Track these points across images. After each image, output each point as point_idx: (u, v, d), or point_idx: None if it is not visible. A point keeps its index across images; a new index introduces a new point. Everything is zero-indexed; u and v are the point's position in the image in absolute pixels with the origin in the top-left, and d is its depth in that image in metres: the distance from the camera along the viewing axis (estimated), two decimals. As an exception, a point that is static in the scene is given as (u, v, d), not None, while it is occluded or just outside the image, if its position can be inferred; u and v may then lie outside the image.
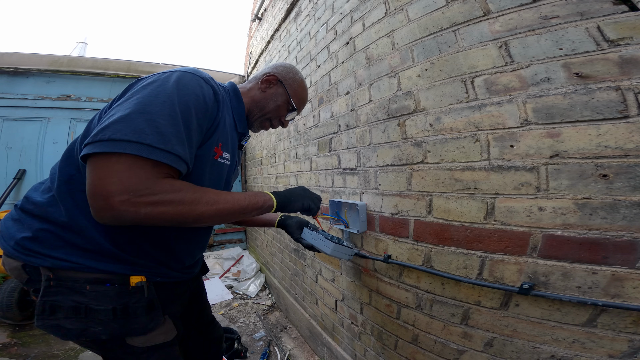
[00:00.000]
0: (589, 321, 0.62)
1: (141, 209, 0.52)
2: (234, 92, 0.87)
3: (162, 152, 0.54)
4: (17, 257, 0.65)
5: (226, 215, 0.65)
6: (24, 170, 3.02)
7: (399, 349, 1.08)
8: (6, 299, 1.98)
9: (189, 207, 0.58)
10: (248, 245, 3.85)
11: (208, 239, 0.92)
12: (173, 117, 0.57)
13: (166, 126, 0.55)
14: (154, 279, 0.73)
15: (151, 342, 0.71)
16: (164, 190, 0.55)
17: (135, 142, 0.51)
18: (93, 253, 0.65)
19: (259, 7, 3.06)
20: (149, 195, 0.53)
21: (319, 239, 1.06)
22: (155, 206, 0.53)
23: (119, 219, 0.52)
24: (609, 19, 0.61)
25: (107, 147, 0.51)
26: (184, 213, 0.57)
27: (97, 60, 3.44)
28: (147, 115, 0.54)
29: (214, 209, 0.62)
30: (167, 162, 0.55)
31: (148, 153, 0.52)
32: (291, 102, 0.93)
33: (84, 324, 0.63)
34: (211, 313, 1.12)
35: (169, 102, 0.57)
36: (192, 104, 0.62)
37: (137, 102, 0.56)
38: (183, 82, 0.62)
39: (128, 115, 0.53)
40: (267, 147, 2.67)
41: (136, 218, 0.53)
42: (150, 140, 0.53)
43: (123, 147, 0.51)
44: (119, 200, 0.50)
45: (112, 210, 0.51)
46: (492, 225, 0.76)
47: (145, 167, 0.53)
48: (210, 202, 0.61)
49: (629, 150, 0.57)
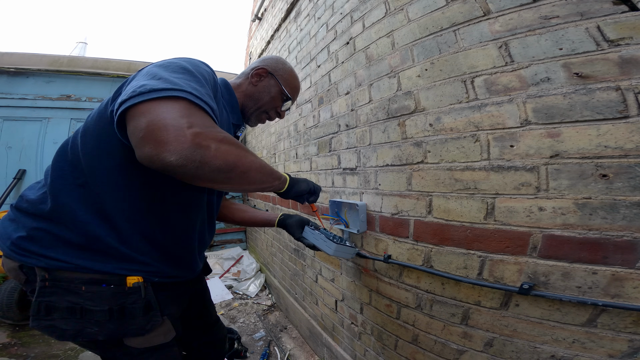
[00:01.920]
0: (589, 321, 0.62)
1: (212, 144, 0.48)
2: (224, 86, 0.89)
3: (202, 102, 0.53)
4: (13, 257, 0.64)
5: (264, 173, 0.64)
6: (24, 170, 3.02)
7: (399, 349, 1.08)
8: (6, 299, 1.98)
9: (244, 152, 0.56)
10: (248, 245, 3.85)
11: (211, 235, 0.92)
12: (198, 81, 0.57)
13: (196, 85, 0.55)
14: (152, 279, 0.71)
15: (149, 343, 0.70)
16: (223, 130, 0.53)
17: (178, 89, 0.49)
18: (89, 251, 0.64)
19: (259, 7, 3.06)
20: (218, 132, 0.51)
21: (320, 239, 1.05)
22: (223, 143, 0.50)
23: (186, 157, 0.46)
24: (609, 19, 0.61)
25: (153, 95, 0.48)
26: (241, 157, 0.55)
27: (97, 60, 3.44)
28: (176, 74, 0.54)
29: (258, 162, 0.61)
30: (208, 111, 0.53)
31: (193, 98, 0.50)
32: (284, 91, 0.95)
33: (79, 325, 0.62)
34: (216, 313, 1.11)
35: (189, 71, 0.58)
36: (206, 75, 0.63)
37: (158, 71, 0.55)
38: (191, 61, 0.64)
39: (158, 76, 0.52)
40: (267, 147, 2.67)
41: (205, 156, 0.47)
42: (190, 89, 0.51)
43: (169, 93, 0.48)
44: (193, 132, 0.46)
45: (184, 143, 0.45)
46: (492, 225, 0.76)
47: (201, 110, 0.52)
48: (254, 155, 0.61)
49: (629, 150, 0.57)
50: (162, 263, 0.74)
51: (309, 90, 1.75)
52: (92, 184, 0.63)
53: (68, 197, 0.64)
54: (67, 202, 0.63)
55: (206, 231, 0.87)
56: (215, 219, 0.95)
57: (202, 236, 0.85)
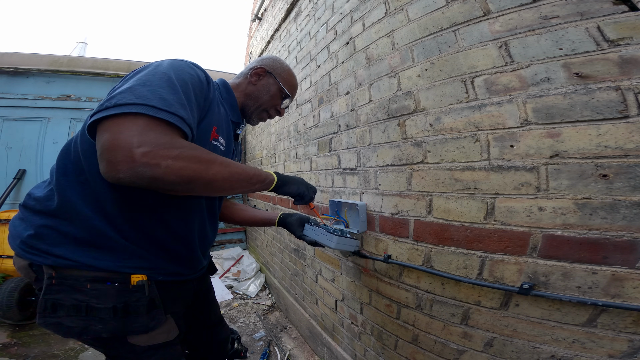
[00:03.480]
0: (589, 321, 0.62)
1: (162, 162, 0.50)
2: (223, 86, 0.91)
3: (167, 113, 0.54)
4: (23, 255, 0.66)
5: (236, 180, 0.65)
6: (24, 170, 3.02)
7: (399, 349, 1.08)
8: (6, 299, 1.97)
9: (205, 165, 0.57)
10: (248, 245, 3.85)
11: (214, 233, 0.93)
12: (172, 87, 0.58)
13: (167, 94, 0.56)
14: (155, 277, 0.72)
15: (153, 341, 0.71)
16: (183, 145, 0.54)
17: (141, 104, 0.52)
18: (94, 247, 0.65)
19: (259, 7, 3.06)
20: (170, 149, 0.52)
21: (321, 233, 1.04)
22: (175, 160, 0.52)
23: (135, 174, 0.49)
24: (609, 19, 0.61)
25: (116, 110, 0.51)
26: (200, 171, 0.56)
27: (97, 60, 3.44)
28: (148, 86, 0.56)
29: (227, 171, 0.62)
30: (174, 122, 0.55)
31: (154, 112, 0.52)
32: (283, 89, 0.97)
33: (84, 322, 0.63)
34: (220, 313, 1.12)
35: (166, 77, 0.60)
36: (188, 80, 0.64)
37: (135, 79, 0.58)
38: (176, 64, 0.66)
39: (130, 87, 0.55)
40: (267, 147, 2.67)
41: (155, 173, 0.50)
42: (155, 103, 0.53)
43: (131, 108, 0.51)
44: (141, 151, 0.49)
45: (132, 162, 0.48)
46: (492, 225, 0.76)
47: (160, 125, 0.53)
48: (224, 164, 0.61)
49: (629, 150, 0.57)
50: (164, 260, 0.75)
51: (309, 90, 1.75)
52: (91, 181, 0.65)
53: (72, 193, 0.65)
54: (71, 198, 0.65)
55: (208, 229, 0.87)
56: (218, 217, 0.96)
57: (203, 234, 0.86)
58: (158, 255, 0.73)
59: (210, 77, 0.77)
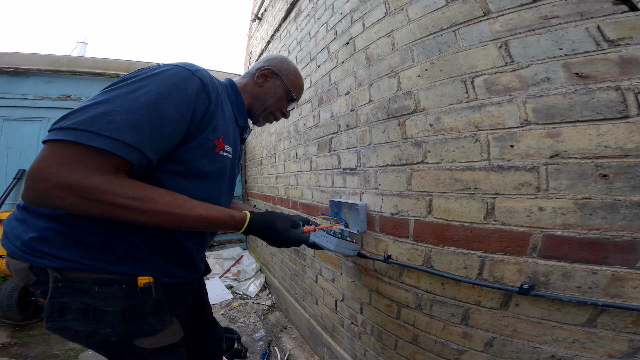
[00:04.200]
0: (589, 321, 0.62)
1: (68, 198, 0.51)
2: (231, 87, 0.88)
3: (105, 139, 0.51)
4: (23, 258, 0.63)
5: (154, 221, 0.60)
6: (24, 171, 3.02)
7: (399, 349, 1.08)
8: (6, 299, 1.98)
9: (120, 210, 0.55)
10: (248, 245, 3.85)
11: (213, 236, 0.92)
12: (133, 108, 0.55)
13: (121, 114, 0.53)
14: (161, 279, 0.72)
15: (159, 343, 0.71)
16: (95, 186, 0.52)
17: (79, 129, 0.50)
18: (101, 251, 0.64)
19: (259, 7, 3.06)
20: (78, 189, 0.51)
21: (321, 236, 1.04)
22: (85, 199, 0.52)
23: (37, 202, 0.52)
24: (609, 19, 0.61)
25: (51, 135, 0.51)
26: (109, 212, 0.55)
27: (97, 60, 3.44)
28: (107, 104, 0.54)
29: (146, 218, 0.58)
30: (111, 150, 0.51)
31: (88, 139, 0.50)
32: (290, 92, 0.95)
33: (93, 326, 0.62)
34: (212, 314, 1.12)
35: (138, 93, 0.56)
36: (169, 95, 0.60)
37: (107, 92, 0.56)
38: (165, 75, 0.62)
39: (90, 105, 0.53)
40: (267, 147, 2.67)
41: (59, 204, 0.52)
42: (97, 127, 0.50)
43: (64, 135, 0.50)
44: (52, 184, 0.49)
45: (36, 193, 0.50)
46: (492, 225, 0.76)
47: (87, 155, 0.51)
48: (144, 211, 0.57)
49: (629, 150, 0.57)
50: (169, 264, 0.75)
51: (309, 90, 1.75)
52: None
53: None
54: None
55: (207, 234, 0.87)
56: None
57: (202, 237, 0.86)
58: (163, 259, 0.73)
59: (213, 82, 0.73)
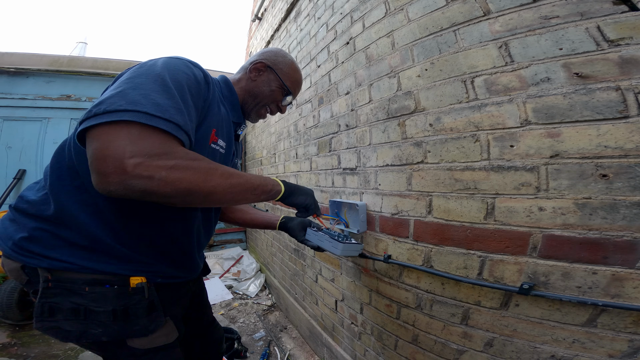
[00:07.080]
0: (589, 321, 0.62)
1: (156, 174, 0.47)
2: (224, 83, 0.87)
3: (161, 120, 0.50)
4: (15, 258, 0.64)
5: (238, 192, 0.61)
6: (24, 170, 3.02)
7: (399, 349, 1.08)
8: (6, 299, 1.97)
9: (204, 176, 0.54)
10: (248, 245, 3.85)
11: (209, 237, 0.91)
12: (167, 91, 0.55)
13: (162, 98, 0.53)
14: (154, 280, 0.72)
15: (152, 344, 0.70)
16: (180, 155, 0.51)
17: (132, 110, 0.48)
18: (92, 252, 0.64)
19: (259, 7, 3.06)
20: (166, 159, 0.49)
21: (325, 239, 1.02)
22: (171, 171, 0.49)
23: (127, 187, 0.46)
24: (609, 19, 0.61)
25: (105, 118, 0.47)
26: (198, 183, 0.53)
27: (97, 60, 3.44)
28: (140, 90, 0.52)
29: (228, 182, 0.58)
30: (168, 129, 0.51)
31: (147, 119, 0.49)
32: (285, 86, 0.92)
33: (83, 326, 0.62)
34: (212, 314, 1.11)
35: (160, 79, 0.56)
36: (184, 81, 0.60)
37: (127, 81, 0.54)
38: (171, 63, 0.61)
39: (121, 91, 0.51)
40: (267, 147, 2.67)
41: (149, 185, 0.47)
42: (148, 109, 0.49)
43: (121, 115, 0.48)
44: (134, 162, 0.46)
45: (124, 174, 0.45)
46: (492, 225, 0.76)
47: (154, 133, 0.50)
48: (225, 175, 0.58)
49: (629, 150, 0.57)
50: (162, 264, 0.74)
51: (309, 90, 1.75)
52: (88, 186, 0.62)
53: (68, 199, 0.63)
54: (68, 204, 0.63)
55: (202, 233, 0.86)
56: (214, 219, 0.94)
57: (199, 237, 0.85)
58: (157, 260, 0.72)
59: (209, 76, 0.74)
